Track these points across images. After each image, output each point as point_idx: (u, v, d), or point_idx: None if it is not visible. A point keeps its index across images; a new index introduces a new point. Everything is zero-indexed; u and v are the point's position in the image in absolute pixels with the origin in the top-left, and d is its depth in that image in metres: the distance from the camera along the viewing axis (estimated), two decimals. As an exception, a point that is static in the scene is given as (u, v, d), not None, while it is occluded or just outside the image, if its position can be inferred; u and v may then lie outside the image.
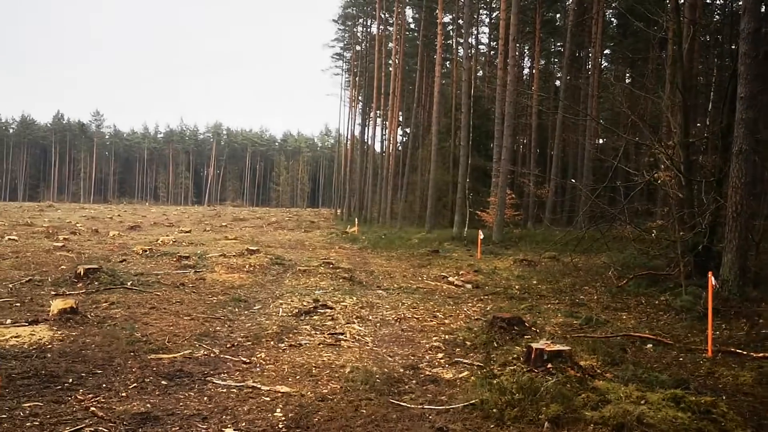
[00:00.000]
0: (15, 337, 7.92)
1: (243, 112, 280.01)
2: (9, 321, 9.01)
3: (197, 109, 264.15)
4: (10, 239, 22.40)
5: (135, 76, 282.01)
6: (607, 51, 42.31)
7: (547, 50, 46.20)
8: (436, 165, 34.66)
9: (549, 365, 6.59)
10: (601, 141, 38.62)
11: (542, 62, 44.61)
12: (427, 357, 7.99)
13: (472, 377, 6.87)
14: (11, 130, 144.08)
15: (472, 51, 44.26)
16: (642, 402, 5.59)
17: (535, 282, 15.33)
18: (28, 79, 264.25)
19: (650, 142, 15.66)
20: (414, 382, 6.83)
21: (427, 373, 7.21)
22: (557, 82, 47.52)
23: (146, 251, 18.81)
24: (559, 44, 45.48)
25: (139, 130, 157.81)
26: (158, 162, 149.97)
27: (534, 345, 6.95)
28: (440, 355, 8.04)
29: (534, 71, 42.26)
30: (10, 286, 12.30)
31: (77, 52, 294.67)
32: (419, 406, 5.92)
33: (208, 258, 17.76)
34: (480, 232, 22.81)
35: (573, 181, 32.79)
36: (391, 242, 27.37)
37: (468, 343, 8.56)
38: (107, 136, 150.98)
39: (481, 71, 49.60)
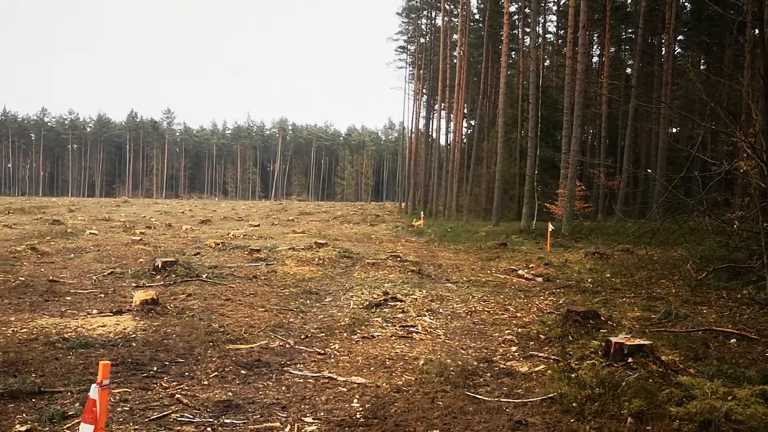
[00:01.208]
0: (101, 326, 8.26)
1: (308, 107, 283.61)
2: (95, 311, 9.42)
3: (264, 105, 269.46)
4: (90, 233, 23.37)
5: (203, 75, 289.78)
6: (680, 37, 40.80)
7: (617, 37, 44.81)
8: (503, 157, 34.22)
9: (629, 360, 6.43)
10: (674, 130, 37.35)
11: (612, 50, 43.29)
12: (501, 350, 7.92)
13: (549, 371, 6.77)
14: (89, 129, 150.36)
15: (540, 40, 43.42)
16: (729, 398, 5.38)
17: (608, 275, 14.96)
18: (104, 80, 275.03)
19: (730, 130, 15.02)
20: (489, 374, 6.78)
21: (502, 366, 7.14)
22: (628, 70, 46.14)
23: (219, 244, 19.29)
24: (630, 31, 44.07)
25: (208, 126, 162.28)
26: (226, 158, 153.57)
27: (613, 339, 6.80)
28: (514, 349, 7.96)
29: (604, 59, 41.08)
30: (94, 278, 12.85)
31: (147, 52, 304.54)
32: (496, 399, 5.87)
33: (278, 251, 18.07)
34: (549, 225, 22.42)
35: (648, 171, 31.81)
36: (458, 235, 27.22)
37: (542, 336, 8.43)
38: (178, 133, 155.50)
39: (548, 60, 48.64)
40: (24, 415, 5.16)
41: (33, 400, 5.53)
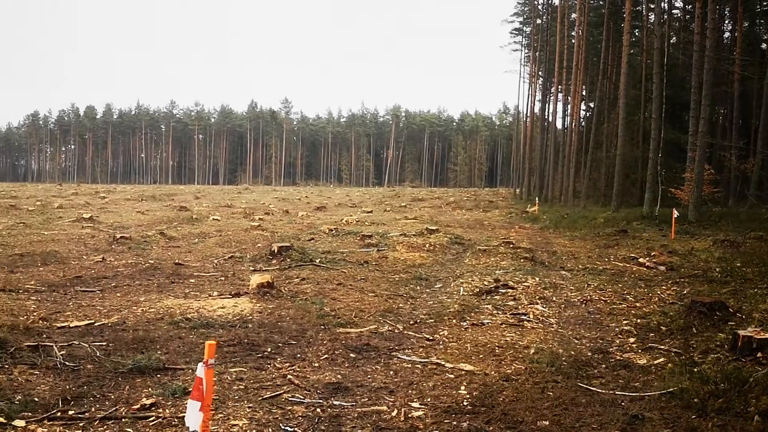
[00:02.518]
0: (221, 308, 8.67)
1: (421, 93, 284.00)
2: (216, 293, 9.89)
3: (377, 92, 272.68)
4: (213, 219, 24.61)
5: (319, 64, 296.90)
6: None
7: (751, 10, 41.52)
8: (624, 140, 32.74)
9: (759, 354, 5.98)
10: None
11: (746, 24, 40.20)
12: (617, 341, 7.59)
13: (669, 364, 6.42)
14: (213, 120, 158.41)
15: (665, 16, 41.02)
16: None
17: (738, 264, 13.94)
18: (226, 72, 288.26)
19: None
20: (603, 366, 6.51)
21: (618, 357, 6.84)
22: (763, 45, 42.73)
23: (332, 230, 19.72)
24: (765, 3, 40.74)
25: (324, 115, 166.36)
26: (341, 145, 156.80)
27: (741, 332, 6.34)
28: (632, 340, 7.60)
29: (736, 34, 38.23)
30: (215, 261, 13.51)
31: (267, 43, 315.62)
32: (610, 392, 5.63)
33: (389, 237, 18.23)
34: (674, 211, 21.23)
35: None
36: (575, 222, 26.36)
37: (663, 328, 8.00)
38: (295, 122, 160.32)
39: (674, 37, 45.87)
40: (149, 389, 5.48)
41: (158, 375, 5.87)
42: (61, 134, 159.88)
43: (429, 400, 5.42)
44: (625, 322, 8.56)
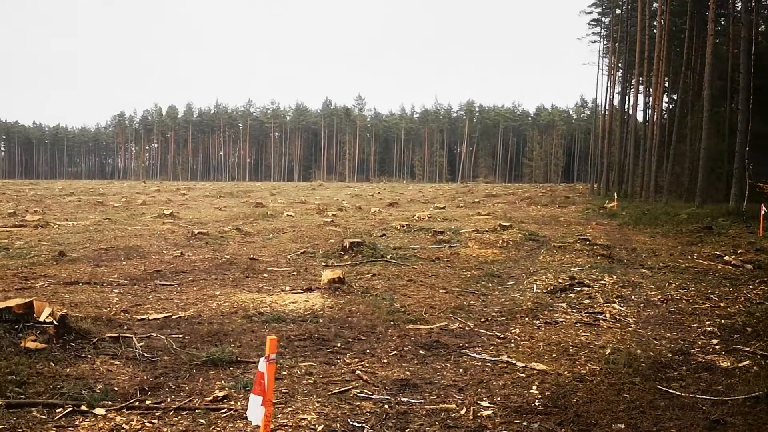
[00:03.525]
0: (293, 302, 8.79)
1: (495, 88, 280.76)
2: (288, 288, 10.05)
3: (450, 87, 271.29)
4: (288, 215, 25.06)
5: (392, 61, 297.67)
6: None
7: None
8: (708, 133, 31.31)
9: None
10: None
11: (843, 7, 37.79)
12: (699, 342, 7.25)
13: (755, 367, 6.10)
14: (288, 117, 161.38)
15: (752, 3, 38.99)
16: None
17: (834, 263, 13.14)
18: (302, 71, 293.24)
19: None
20: (684, 368, 6.23)
21: (700, 359, 6.54)
22: None
23: (404, 226, 19.73)
24: None
25: (396, 111, 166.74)
26: (414, 141, 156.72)
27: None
28: (715, 341, 7.25)
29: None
30: (288, 257, 13.74)
31: (340, 41, 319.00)
32: (691, 395, 5.38)
33: (461, 233, 18.08)
34: (762, 207, 20.15)
35: None
36: (655, 218, 25.43)
37: (749, 329, 7.62)
38: (368, 119, 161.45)
39: (763, 25, 43.52)
40: (222, 381, 5.60)
41: (230, 368, 6.00)
42: (144, 133, 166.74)
43: (499, 399, 5.32)
44: (708, 322, 8.17)
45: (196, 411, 4.91)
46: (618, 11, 60.05)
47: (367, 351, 6.71)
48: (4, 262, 12.04)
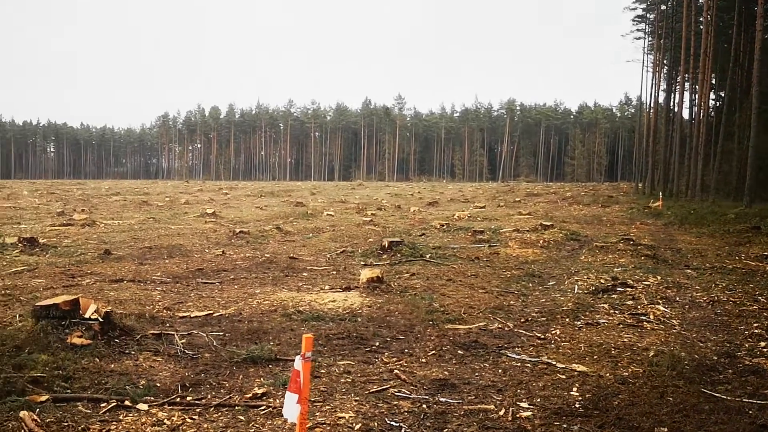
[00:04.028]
0: (332, 301, 8.83)
1: (536, 86, 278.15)
2: (327, 287, 10.10)
3: (491, 86, 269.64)
4: (328, 215, 25.20)
5: (432, 60, 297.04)
6: None
7: None
8: (757, 130, 30.44)
9: None
10: None
11: None
12: (747, 345, 7.04)
13: (806, 372, 5.88)
14: (328, 117, 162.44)
15: (804, -6, 37.73)
16: None
17: None
18: (342, 71, 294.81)
19: None
20: (730, 371, 6.06)
21: (747, 362, 6.35)
22: None
23: (443, 226, 19.65)
24: None
25: (437, 110, 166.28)
26: (454, 140, 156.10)
27: None
28: (763, 344, 7.03)
29: None
30: (328, 256, 13.81)
31: (379, 43, 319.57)
32: (737, 399, 5.23)
33: (501, 233, 17.93)
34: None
35: None
36: (702, 217, 24.83)
37: (800, 332, 7.35)
38: (408, 118, 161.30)
39: (815, 17, 42.12)
40: (262, 379, 5.66)
41: (270, 366, 6.05)
42: (188, 134, 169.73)
43: (538, 400, 5.25)
44: (755, 324, 7.94)
45: (236, 408, 4.96)
46: (663, 7, 58.83)
47: (406, 350, 6.69)
48: (53, 260, 12.38)
